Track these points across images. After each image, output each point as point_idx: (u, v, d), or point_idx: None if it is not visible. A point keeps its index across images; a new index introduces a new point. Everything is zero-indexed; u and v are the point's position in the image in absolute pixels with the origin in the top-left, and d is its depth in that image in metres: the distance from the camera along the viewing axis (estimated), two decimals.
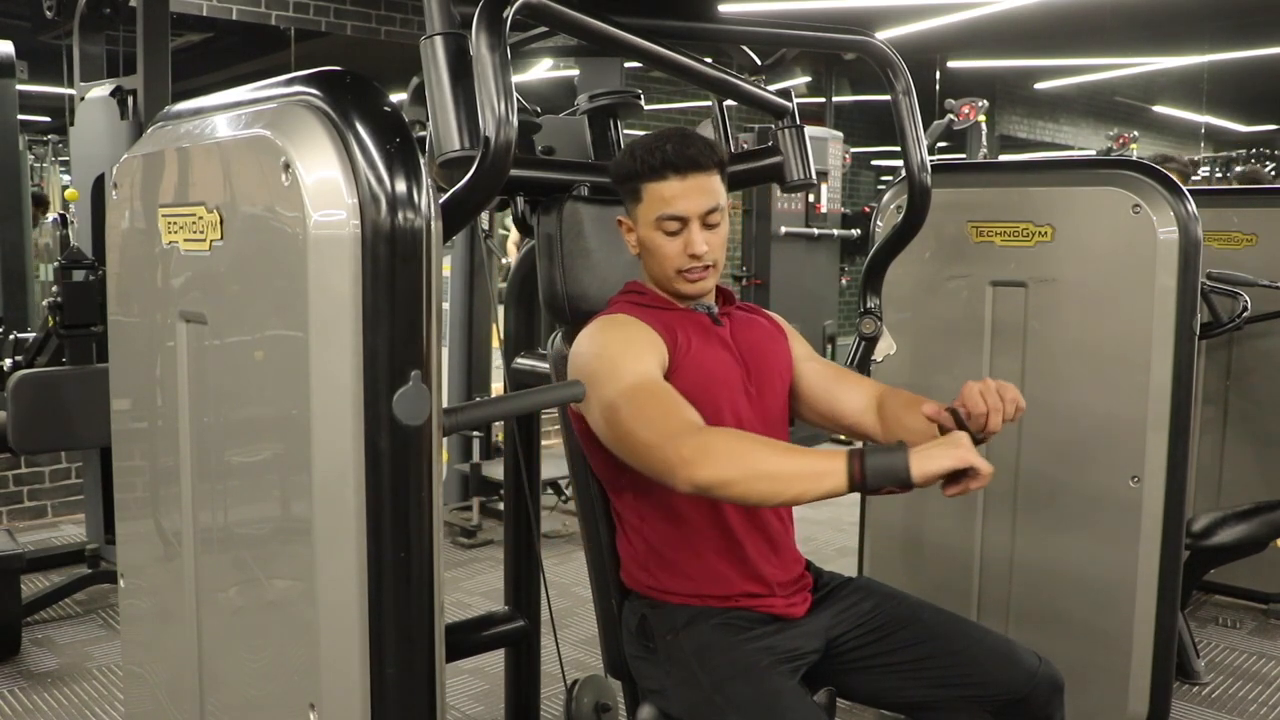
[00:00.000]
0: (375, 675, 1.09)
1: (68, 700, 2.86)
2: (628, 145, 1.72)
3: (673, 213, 1.65)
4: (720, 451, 1.42)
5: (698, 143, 1.65)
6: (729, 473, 1.40)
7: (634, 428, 1.50)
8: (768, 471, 1.40)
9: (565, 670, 1.95)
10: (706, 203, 1.65)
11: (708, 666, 1.60)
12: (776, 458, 1.41)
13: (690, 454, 1.42)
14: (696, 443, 1.44)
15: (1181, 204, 2.20)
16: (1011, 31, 7.73)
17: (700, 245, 1.66)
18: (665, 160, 1.63)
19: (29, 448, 3.21)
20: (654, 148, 1.64)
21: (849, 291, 7.71)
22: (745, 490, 1.41)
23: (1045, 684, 1.65)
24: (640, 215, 1.69)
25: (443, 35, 1.44)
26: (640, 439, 1.49)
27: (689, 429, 1.47)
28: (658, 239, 1.68)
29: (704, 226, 1.67)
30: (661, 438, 1.46)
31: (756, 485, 1.41)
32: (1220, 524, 2.95)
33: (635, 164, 1.66)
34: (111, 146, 3.49)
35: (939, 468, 1.35)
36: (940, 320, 2.50)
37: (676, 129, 1.71)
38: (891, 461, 1.35)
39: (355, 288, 1.04)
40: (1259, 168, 6.79)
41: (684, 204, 1.64)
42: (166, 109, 1.49)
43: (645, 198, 1.67)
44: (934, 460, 1.35)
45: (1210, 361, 3.41)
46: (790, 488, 1.40)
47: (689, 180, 1.64)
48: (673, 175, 1.64)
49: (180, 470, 1.35)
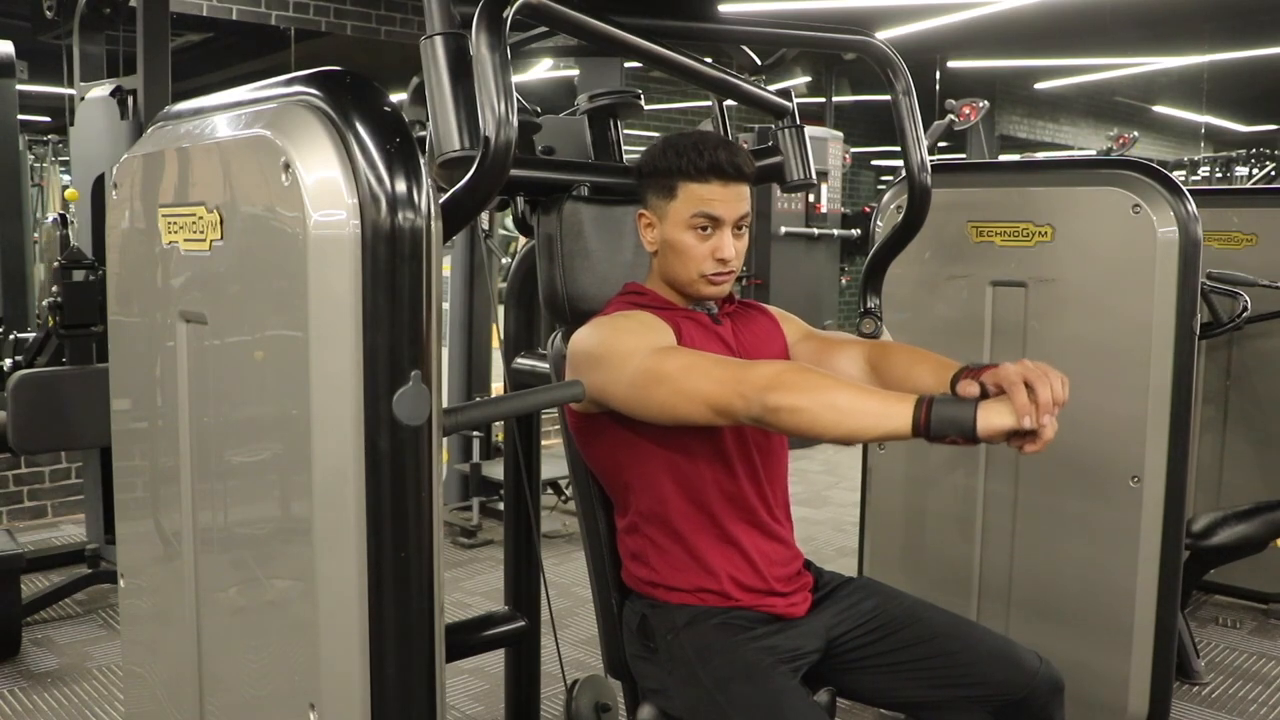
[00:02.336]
0: (375, 675, 1.09)
1: (68, 700, 2.86)
2: (662, 140, 1.71)
3: (711, 213, 1.66)
4: (795, 381, 1.44)
5: (742, 154, 1.69)
6: (802, 400, 1.42)
7: (688, 378, 1.51)
8: (836, 403, 1.41)
9: (565, 670, 1.95)
10: (742, 209, 1.68)
11: (709, 666, 1.60)
12: (847, 393, 1.43)
13: (765, 381, 1.44)
14: (770, 370, 1.47)
15: (1181, 204, 2.20)
16: (1011, 31, 7.73)
17: (729, 250, 1.67)
18: (714, 164, 1.65)
19: (29, 448, 3.21)
20: (702, 149, 1.65)
21: (849, 291, 7.71)
22: (813, 418, 1.42)
23: (1045, 684, 1.65)
24: (671, 211, 1.68)
25: (443, 35, 1.44)
26: (703, 385, 1.49)
27: (746, 367, 1.50)
28: (688, 239, 1.68)
29: (734, 231, 1.68)
30: (731, 374, 1.48)
31: (825, 414, 1.42)
32: (1220, 524, 2.95)
33: (679, 161, 1.66)
34: (111, 146, 3.49)
35: (1005, 424, 1.35)
36: (940, 320, 2.50)
37: (714, 134, 1.74)
38: (959, 412, 1.36)
39: (355, 288, 1.04)
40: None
41: (723, 208, 1.66)
42: (166, 109, 1.49)
43: (681, 195, 1.67)
44: (1001, 416, 1.35)
45: (1210, 361, 3.41)
46: (855, 421, 1.41)
47: (730, 188, 1.66)
48: (716, 180, 1.65)
49: (180, 470, 1.35)
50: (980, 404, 1.37)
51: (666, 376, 1.53)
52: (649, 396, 1.55)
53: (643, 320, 1.66)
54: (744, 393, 1.45)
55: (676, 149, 1.67)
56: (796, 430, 1.47)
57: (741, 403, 1.46)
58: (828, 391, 1.42)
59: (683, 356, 1.56)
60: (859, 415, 1.40)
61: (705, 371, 1.51)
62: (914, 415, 1.37)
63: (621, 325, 1.65)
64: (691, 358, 1.55)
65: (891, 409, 1.39)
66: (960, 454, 2.49)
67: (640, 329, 1.63)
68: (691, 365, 1.53)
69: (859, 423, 1.41)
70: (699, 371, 1.51)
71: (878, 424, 1.40)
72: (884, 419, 1.39)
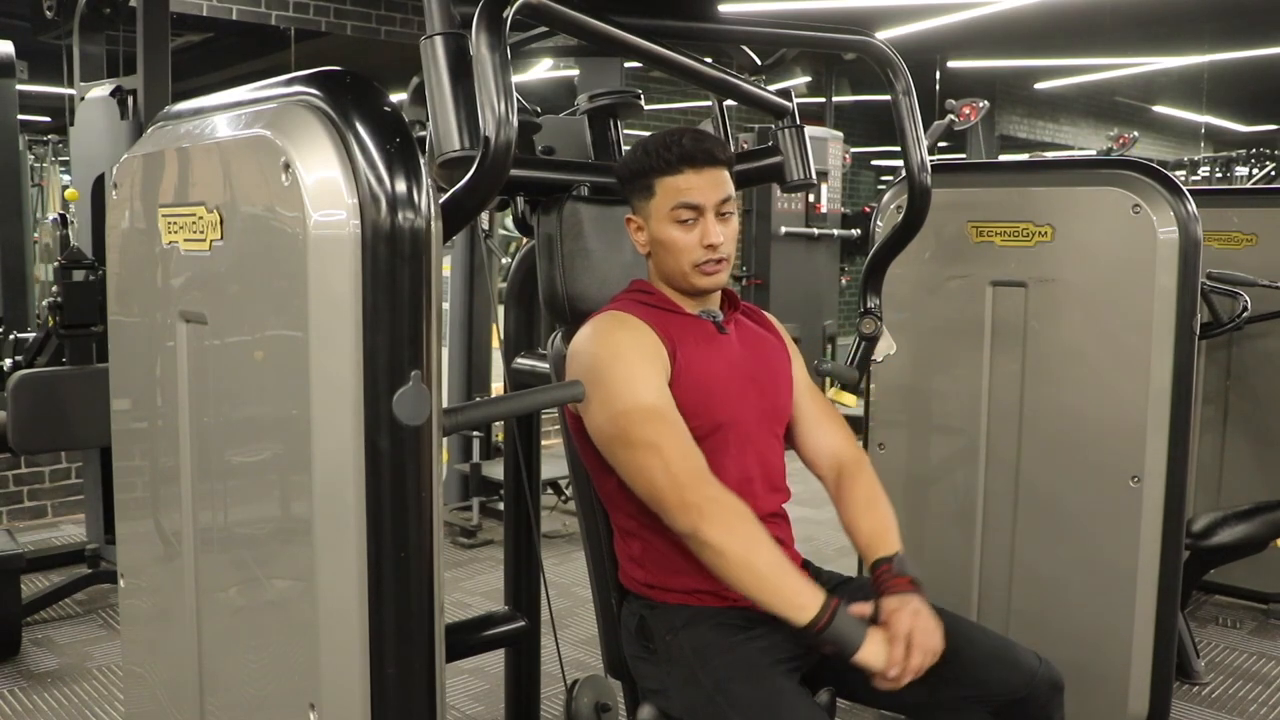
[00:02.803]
0: (375, 675, 1.09)
1: (68, 700, 2.86)
2: (635, 145, 1.73)
3: (689, 201, 1.66)
4: (733, 523, 1.52)
5: (710, 139, 1.69)
6: (730, 546, 1.50)
7: (647, 457, 1.56)
8: (754, 566, 1.50)
9: (565, 670, 1.95)
10: (721, 193, 1.68)
11: (708, 666, 1.60)
12: (768, 563, 1.51)
13: (703, 506, 1.52)
14: (712, 497, 1.53)
15: (1181, 204, 2.20)
16: (1011, 31, 7.73)
17: (716, 235, 1.67)
18: (682, 154, 1.66)
19: (29, 448, 3.21)
20: (668, 143, 1.67)
21: (849, 291, 7.71)
22: (727, 568, 1.51)
23: (1045, 684, 1.65)
24: (653, 209, 1.69)
25: (443, 35, 1.44)
26: (655, 475, 1.55)
27: (703, 478, 1.55)
28: (673, 232, 1.68)
29: (717, 217, 1.68)
30: (684, 479, 1.54)
31: (739, 571, 1.51)
32: (1220, 524, 2.95)
33: (649, 159, 1.68)
34: (111, 146, 3.49)
35: (877, 667, 1.51)
36: (940, 320, 2.50)
37: (681, 128, 1.73)
38: (851, 636, 1.51)
39: (355, 288, 1.04)
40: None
41: (700, 194, 1.67)
42: (166, 109, 1.49)
43: (659, 191, 1.68)
44: (878, 658, 1.51)
45: (1210, 361, 3.41)
46: (762, 592, 1.51)
47: (704, 174, 1.67)
48: (688, 168, 1.66)
49: (180, 470, 1.35)
50: (869, 637, 1.51)
51: (632, 444, 1.58)
52: (612, 452, 1.61)
53: (640, 342, 1.64)
54: (685, 504, 1.53)
55: (646, 148, 1.69)
56: (707, 564, 1.55)
57: (678, 512, 1.53)
58: (754, 551, 1.50)
59: (654, 430, 1.57)
60: (767, 590, 1.50)
61: (665, 462, 1.55)
62: (815, 617, 1.48)
63: (619, 345, 1.64)
64: (662, 436, 1.57)
65: (797, 601, 1.49)
66: (960, 454, 2.49)
67: (635, 358, 1.62)
68: (657, 446, 1.56)
69: (764, 595, 1.51)
70: (661, 458, 1.56)
71: (779, 605, 1.50)
72: (785, 604, 1.50)
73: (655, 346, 1.65)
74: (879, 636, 1.53)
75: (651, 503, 1.57)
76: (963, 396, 2.47)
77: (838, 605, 1.50)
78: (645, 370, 1.61)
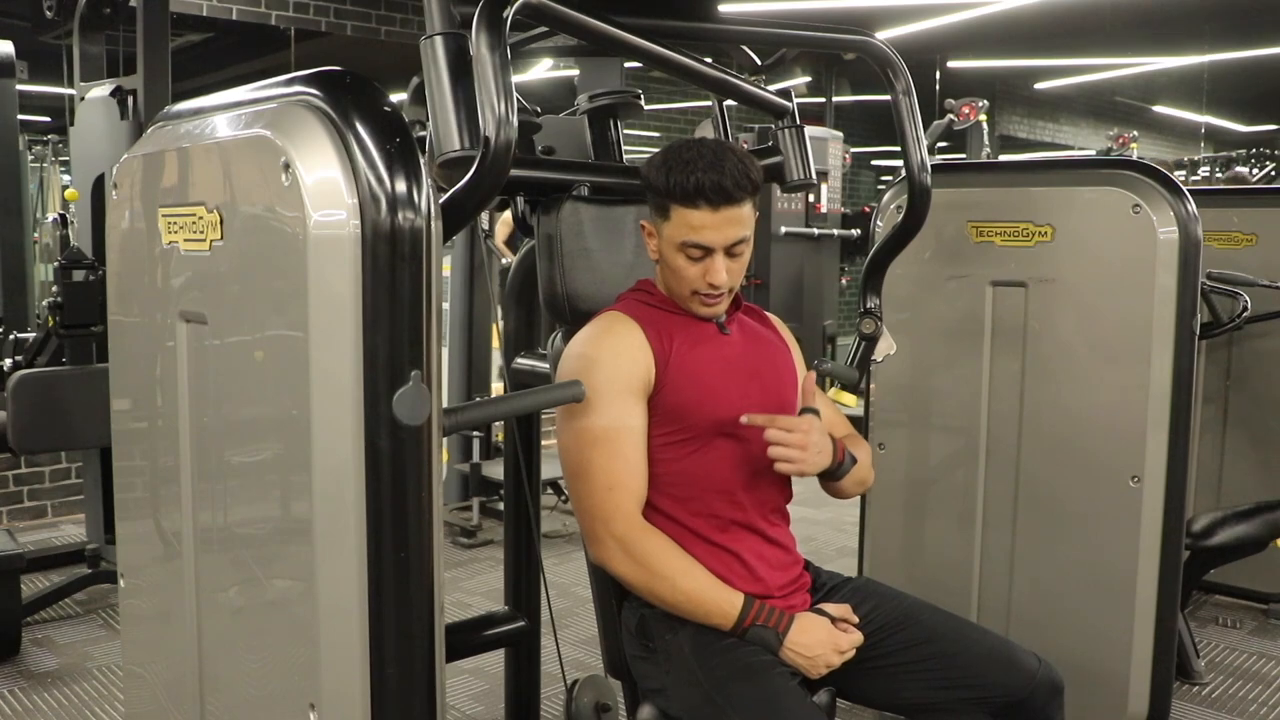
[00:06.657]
0: (375, 675, 1.09)
1: (68, 700, 2.86)
2: (664, 150, 1.66)
3: (699, 242, 1.62)
4: (643, 557, 1.60)
5: (733, 172, 1.59)
6: (633, 580, 1.62)
7: (578, 481, 1.63)
8: (660, 594, 1.62)
9: (565, 670, 1.94)
10: (734, 234, 1.63)
11: (707, 666, 1.60)
12: (681, 588, 1.61)
13: (627, 540, 1.60)
14: (621, 535, 1.60)
15: (1181, 204, 2.20)
16: (1011, 31, 7.73)
17: (721, 275, 1.64)
18: (699, 189, 1.58)
19: (29, 448, 3.21)
20: (689, 172, 1.59)
21: (849, 291, 7.71)
22: (642, 591, 1.63)
23: (1045, 685, 1.65)
24: (666, 232, 1.66)
25: (443, 35, 1.44)
26: (594, 492, 1.62)
27: (621, 513, 1.61)
28: (679, 260, 1.66)
29: (727, 255, 1.65)
30: (614, 507, 1.61)
31: (652, 593, 1.62)
32: (1220, 524, 2.94)
33: (668, 183, 1.61)
34: (111, 146, 3.49)
35: (793, 662, 1.61)
36: (940, 320, 2.50)
37: (715, 145, 1.63)
38: (767, 639, 1.61)
39: (355, 288, 1.04)
40: (1242, 171, 6.88)
41: (711, 235, 1.62)
42: (166, 109, 1.49)
43: (673, 218, 1.63)
44: (797, 658, 1.61)
45: (1210, 361, 3.41)
46: (679, 608, 1.62)
47: (720, 213, 1.61)
48: (705, 205, 1.60)
49: (180, 470, 1.35)
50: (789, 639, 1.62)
51: (576, 460, 1.64)
52: (566, 454, 1.66)
53: (621, 350, 1.65)
54: (596, 537, 1.61)
55: (669, 166, 1.61)
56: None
57: (589, 542, 1.63)
58: (665, 580, 1.60)
59: (594, 454, 1.62)
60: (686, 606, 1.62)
61: (591, 490, 1.62)
62: (739, 618, 1.60)
63: (600, 352, 1.65)
64: (610, 459, 1.61)
65: (718, 609, 1.61)
66: (960, 454, 2.49)
67: (609, 373, 1.63)
68: (589, 473, 1.62)
69: (685, 609, 1.62)
70: (604, 477, 1.61)
71: (704, 616, 1.62)
72: (709, 613, 1.61)
73: (636, 356, 1.65)
74: (806, 643, 1.61)
75: (579, 515, 1.65)
76: (963, 396, 2.47)
77: (756, 611, 1.60)
78: (613, 387, 1.62)
